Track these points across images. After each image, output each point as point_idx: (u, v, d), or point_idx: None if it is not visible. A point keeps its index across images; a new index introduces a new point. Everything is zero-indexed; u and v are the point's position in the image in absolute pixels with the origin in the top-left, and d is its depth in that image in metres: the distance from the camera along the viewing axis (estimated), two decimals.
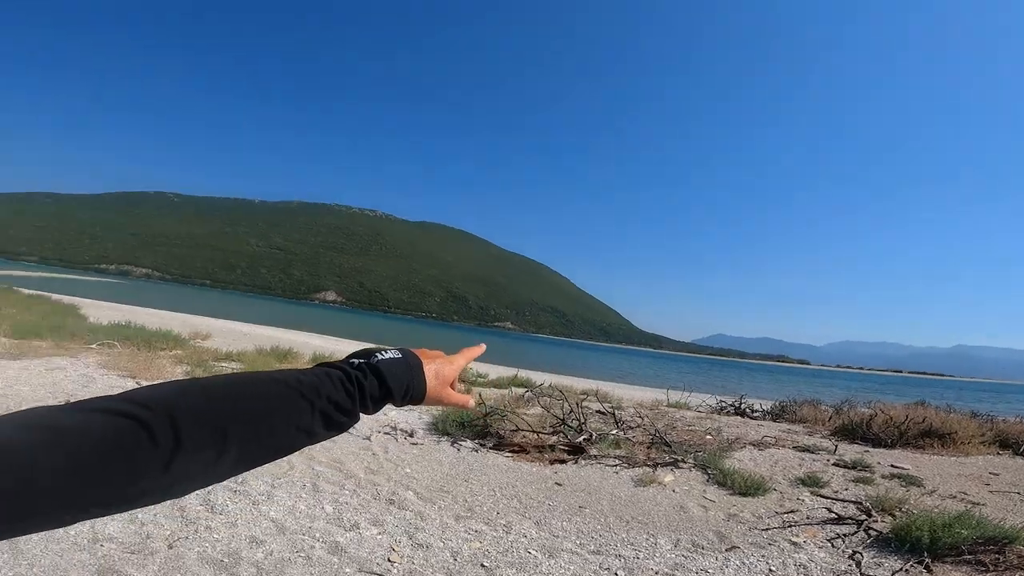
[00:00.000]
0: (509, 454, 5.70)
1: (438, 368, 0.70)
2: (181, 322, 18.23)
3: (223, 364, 9.49)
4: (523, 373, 15.19)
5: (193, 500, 3.47)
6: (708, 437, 7.08)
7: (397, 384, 0.64)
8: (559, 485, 4.89)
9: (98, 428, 0.44)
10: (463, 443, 5.88)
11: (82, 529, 2.88)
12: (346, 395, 0.59)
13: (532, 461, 5.57)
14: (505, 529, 3.75)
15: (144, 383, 6.63)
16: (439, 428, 6.19)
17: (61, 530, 2.82)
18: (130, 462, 0.45)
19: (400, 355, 0.67)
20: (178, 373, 7.97)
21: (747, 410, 10.72)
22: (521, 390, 10.19)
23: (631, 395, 13.15)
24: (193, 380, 0.52)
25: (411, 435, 5.90)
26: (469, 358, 0.78)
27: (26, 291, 21.86)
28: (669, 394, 11.85)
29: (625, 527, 4.03)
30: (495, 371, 16.35)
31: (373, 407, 0.63)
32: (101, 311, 17.66)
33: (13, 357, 7.52)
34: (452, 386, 0.75)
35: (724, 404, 11.15)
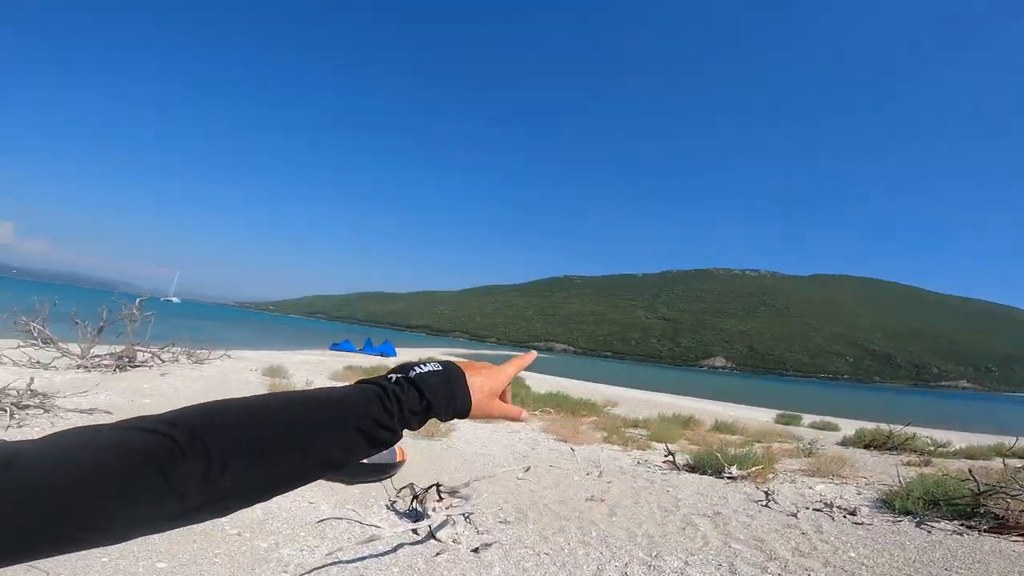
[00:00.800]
0: (1018, 538, 4.08)
1: (483, 380, 0.66)
2: (593, 391, 20.49)
3: (631, 431, 10.08)
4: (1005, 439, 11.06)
5: (612, 573, 3.51)
6: None
7: (437, 397, 0.62)
8: None
9: (122, 443, 0.45)
10: (935, 524, 4.51)
11: None
12: (384, 410, 0.57)
13: None
14: None
15: (575, 448, 7.67)
16: (895, 506, 4.93)
17: None
18: (163, 476, 0.44)
19: (440, 367, 0.65)
20: (597, 438, 8.87)
21: None
22: (1018, 462, 7.37)
23: None
24: (229, 399, 0.53)
25: (852, 513, 4.89)
26: (519, 367, 0.73)
27: None
28: None
29: None
30: (959, 439, 12.44)
31: (416, 422, 0.61)
32: (539, 382, 21.68)
33: (486, 421, 9.89)
34: (504, 398, 0.71)
35: None
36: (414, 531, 3.72)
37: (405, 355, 31.35)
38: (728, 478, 6.23)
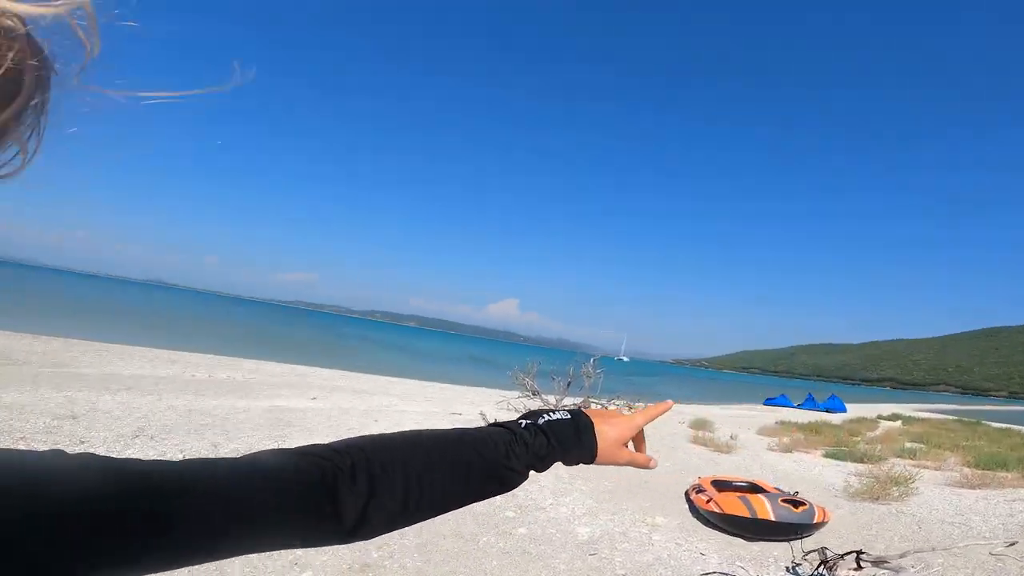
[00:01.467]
0: None
1: (610, 428, 0.69)
2: None
3: None
4: None
5: None
6: None
7: (564, 444, 0.66)
8: None
9: (303, 468, 0.51)
10: None
11: None
12: (511, 454, 0.62)
13: None
14: None
15: None
16: None
17: None
18: (329, 499, 0.50)
19: (569, 416, 0.68)
20: None
21: None
22: None
23: None
24: (384, 434, 0.60)
25: None
26: (651, 417, 0.74)
27: (994, 424, 21.62)
28: None
29: None
30: None
31: (541, 466, 0.65)
32: None
33: (971, 486, 7.59)
34: (640, 447, 0.74)
35: None
36: None
37: (859, 411, 26.93)
38: None
